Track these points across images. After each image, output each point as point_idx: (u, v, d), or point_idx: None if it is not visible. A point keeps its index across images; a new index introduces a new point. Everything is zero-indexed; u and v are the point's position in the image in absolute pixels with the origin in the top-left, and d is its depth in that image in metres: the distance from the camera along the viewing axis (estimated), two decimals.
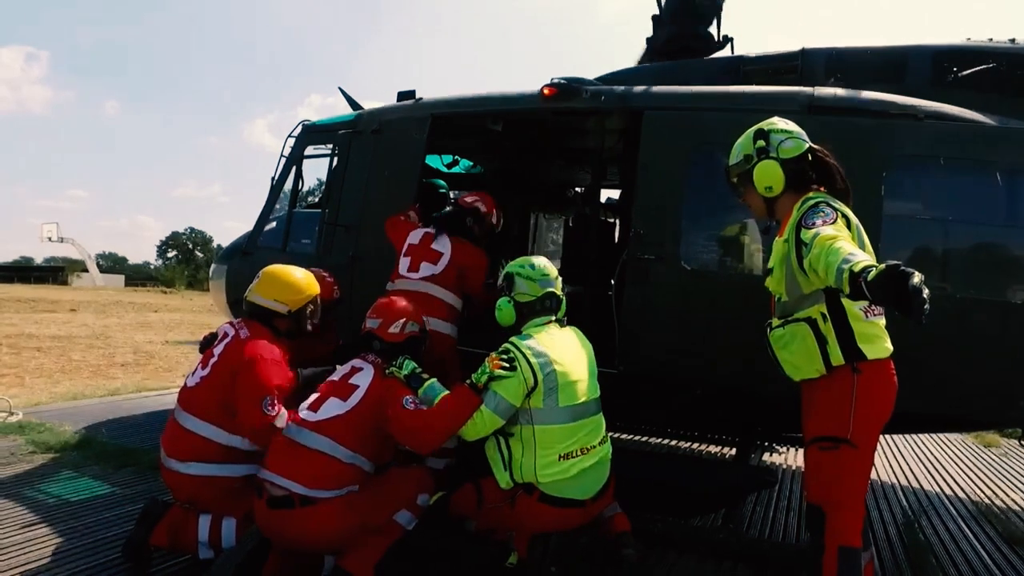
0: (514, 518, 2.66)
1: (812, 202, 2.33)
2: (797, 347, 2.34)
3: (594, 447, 2.66)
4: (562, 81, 3.80)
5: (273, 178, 5.14)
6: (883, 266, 1.74)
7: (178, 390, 3.06)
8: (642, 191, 3.49)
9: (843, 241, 2.04)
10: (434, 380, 2.69)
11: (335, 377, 2.78)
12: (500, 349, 2.63)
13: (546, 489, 2.56)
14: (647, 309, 3.43)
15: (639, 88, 3.73)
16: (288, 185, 5.02)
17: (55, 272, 53.07)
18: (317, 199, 5.79)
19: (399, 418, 2.54)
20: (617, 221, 5.43)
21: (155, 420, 5.26)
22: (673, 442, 5.54)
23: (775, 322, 2.47)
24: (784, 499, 4.31)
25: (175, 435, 2.87)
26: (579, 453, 2.60)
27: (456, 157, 6.08)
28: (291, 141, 5.10)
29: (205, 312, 20.37)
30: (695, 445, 5.42)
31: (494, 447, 2.68)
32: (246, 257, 5.01)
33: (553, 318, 2.83)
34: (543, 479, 2.55)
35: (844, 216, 2.29)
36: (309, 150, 5.04)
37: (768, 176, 2.44)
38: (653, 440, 5.59)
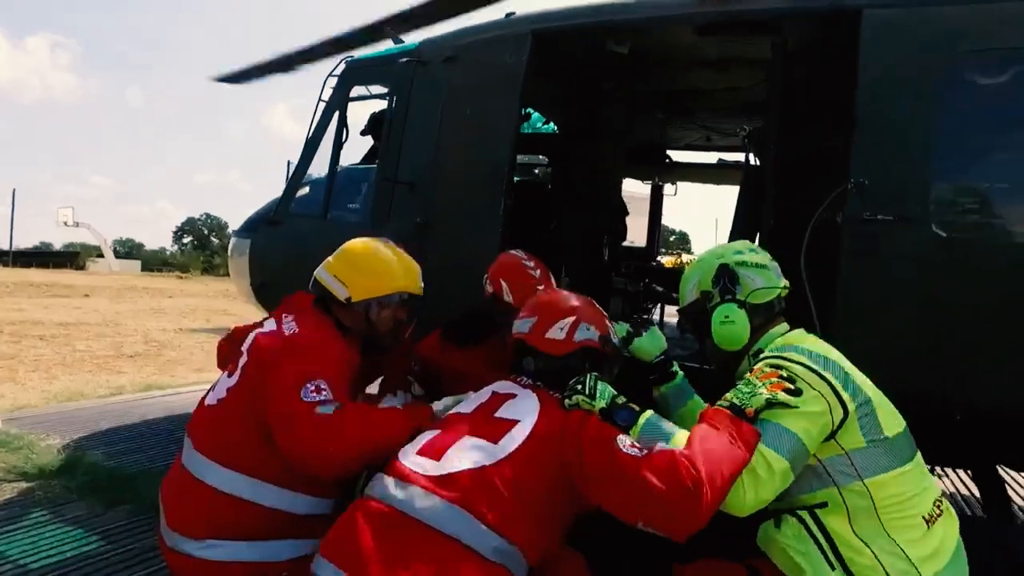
0: None
1: None
2: None
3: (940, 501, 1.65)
4: None
5: (308, 130, 4.08)
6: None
7: (189, 393, 2.03)
8: (866, 123, 2.36)
9: None
10: (651, 412, 1.61)
11: (464, 408, 1.70)
12: (767, 364, 1.61)
13: None
14: (876, 295, 2.32)
15: None
16: (329, 137, 3.96)
17: (72, 257, 52.74)
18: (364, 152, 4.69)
19: (624, 474, 1.39)
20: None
21: (163, 431, 4.25)
22: None
23: None
24: None
25: (183, 491, 1.83)
26: (938, 513, 1.59)
27: (527, 110, 4.94)
28: (332, 83, 4.04)
29: (221, 297, 19.49)
30: None
31: (798, 535, 1.55)
32: (275, 227, 3.96)
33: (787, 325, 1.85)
34: (925, 573, 1.47)
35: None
36: (355, 92, 3.98)
37: None
38: None
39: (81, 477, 3.21)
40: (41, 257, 54.10)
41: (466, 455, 1.51)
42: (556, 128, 5.18)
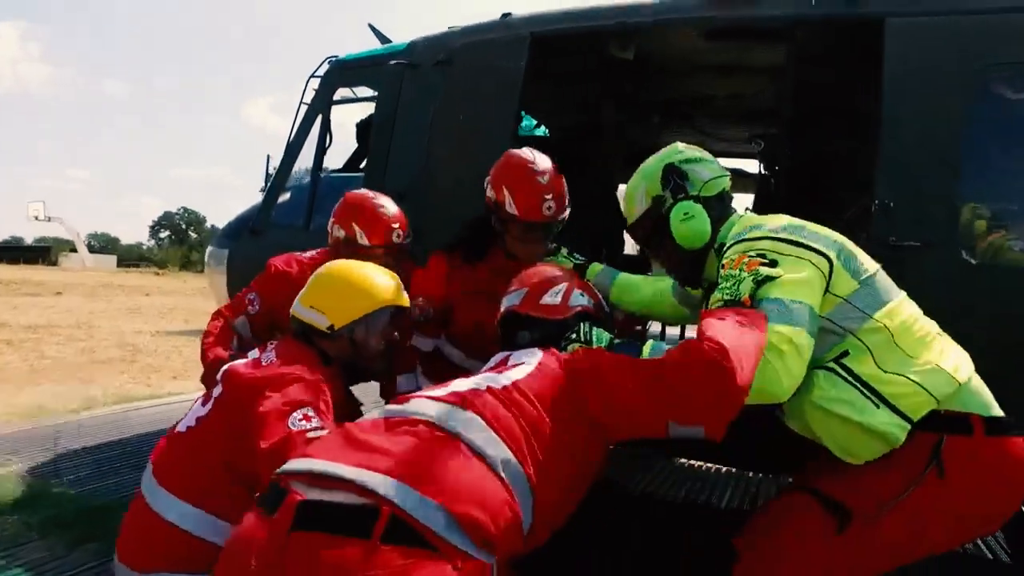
0: (951, 501, 1.43)
1: None
2: None
3: None
4: None
5: (290, 133, 3.85)
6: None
7: (165, 406, 1.93)
8: (890, 139, 2.22)
9: None
10: (652, 341, 1.52)
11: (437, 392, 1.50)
12: (735, 252, 1.56)
13: (979, 403, 1.47)
14: None
15: None
16: (312, 141, 3.74)
17: (43, 252, 51.42)
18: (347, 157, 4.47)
19: (648, 375, 1.31)
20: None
21: (137, 450, 4.01)
22: None
23: None
24: None
25: (137, 522, 1.74)
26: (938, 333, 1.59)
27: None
28: (315, 84, 3.82)
29: (200, 296, 19.03)
30: None
31: (834, 383, 1.47)
32: (255, 237, 3.73)
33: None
34: (962, 378, 1.46)
35: None
36: (340, 94, 3.76)
37: None
38: None
39: (43, 511, 2.98)
40: (11, 252, 52.68)
41: (469, 382, 1.44)
42: (548, 132, 5.00)
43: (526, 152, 2.26)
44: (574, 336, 1.63)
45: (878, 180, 2.22)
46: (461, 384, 1.42)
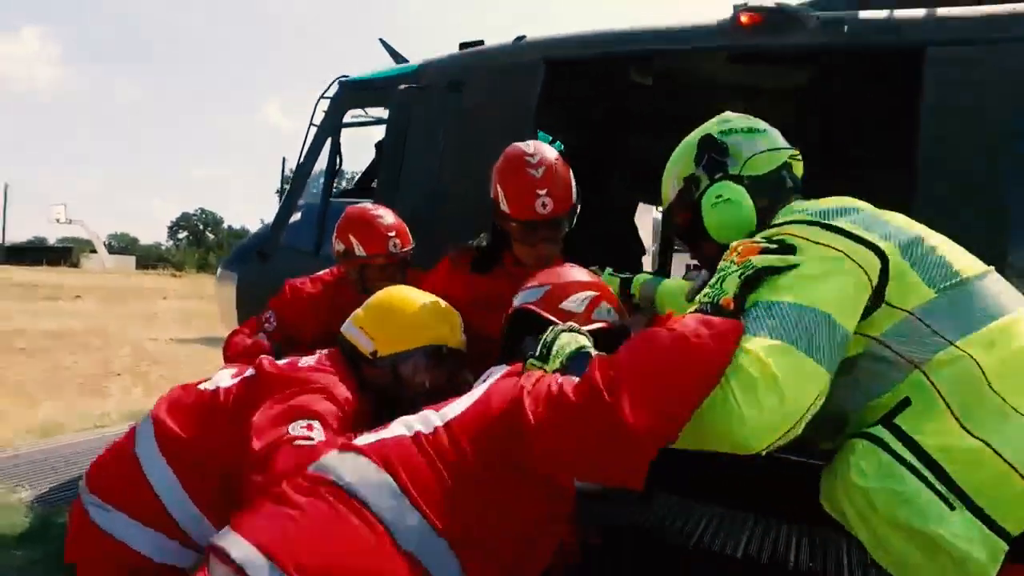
0: None
1: None
2: None
3: None
4: (766, 5, 2.39)
5: (300, 155, 3.79)
6: None
7: None
8: (929, 173, 2.09)
9: None
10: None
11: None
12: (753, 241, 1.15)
13: None
14: None
15: (913, 13, 2.29)
16: (322, 163, 3.68)
17: (65, 253, 52.28)
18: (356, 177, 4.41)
19: (552, 410, 1.10)
20: None
21: None
22: None
23: None
24: None
25: (120, 468, 1.82)
26: None
27: None
28: (324, 105, 3.76)
29: (216, 301, 19.13)
30: None
31: (875, 464, 0.99)
32: (264, 261, 3.68)
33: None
34: None
35: None
36: (350, 116, 3.70)
37: None
38: None
39: (51, 543, 2.93)
40: (34, 253, 53.60)
41: (402, 424, 1.26)
42: (563, 148, 4.90)
43: (526, 144, 2.02)
44: (534, 351, 1.30)
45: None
46: (392, 430, 1.26)
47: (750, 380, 0.94)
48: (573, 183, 2.03)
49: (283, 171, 4.71)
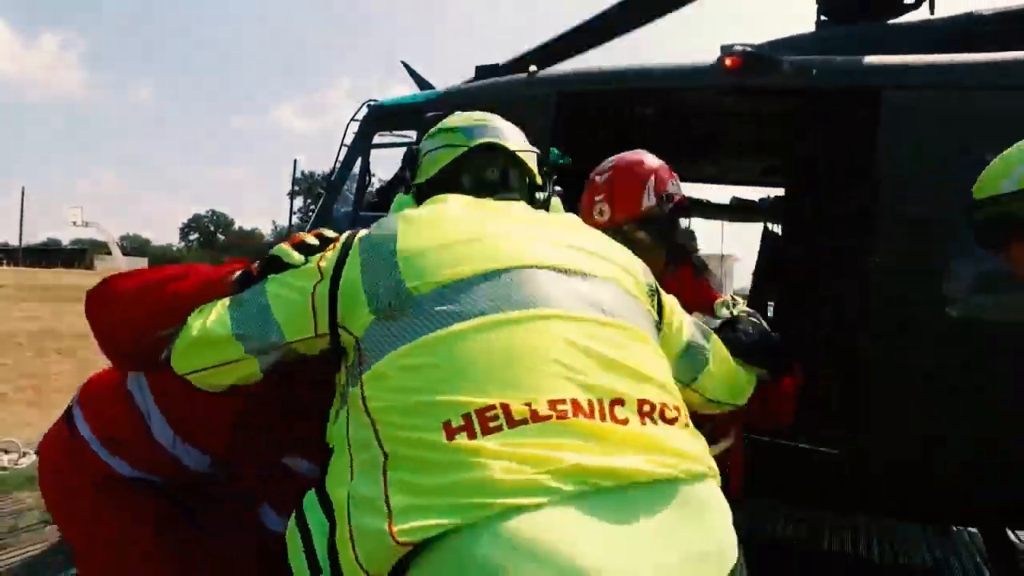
0: None
1: None
2: None
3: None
4: (748, 49, 2.75)
5: (331, 173, 4.16)
6: None
7: None
8: (887, 205, 2.44)
9: None
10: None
11: None
12: None
13: None
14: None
15: (872, 59, 2.64)
16: (351, 183, 4.03)
17: (80, 255, 53.16)
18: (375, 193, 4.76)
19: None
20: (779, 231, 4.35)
21: None
22: None
23: None
24: None
25: (103, 392, 1.54)
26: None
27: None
28: (354, 127, 4.12)
29: None
30: None
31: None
32: None
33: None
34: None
35: None
36: (379, 138, 4.06)
37: None
38: None
39: None
40: (50, 255, 54.54)
41: None
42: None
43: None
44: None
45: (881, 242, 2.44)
46: None
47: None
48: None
49: (294, 173, 5.07)
